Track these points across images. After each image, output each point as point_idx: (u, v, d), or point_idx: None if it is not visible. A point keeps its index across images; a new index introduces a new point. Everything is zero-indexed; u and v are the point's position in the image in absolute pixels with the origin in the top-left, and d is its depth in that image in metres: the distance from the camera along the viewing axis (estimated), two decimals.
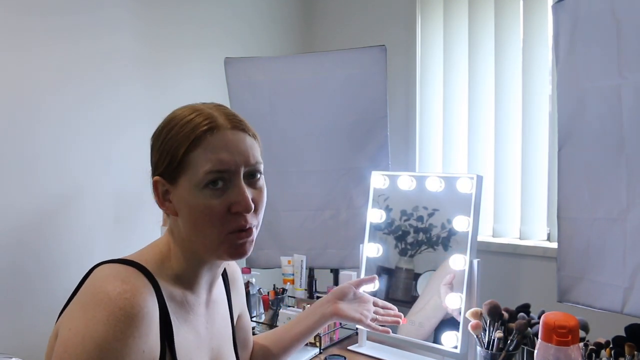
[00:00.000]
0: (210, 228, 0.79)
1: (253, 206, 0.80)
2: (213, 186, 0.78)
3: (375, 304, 1.18)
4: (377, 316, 1.17)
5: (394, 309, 1.20)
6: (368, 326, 1.14)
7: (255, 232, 0.83)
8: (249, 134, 0.83)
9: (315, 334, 1.13)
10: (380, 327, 1.16)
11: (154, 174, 0.83)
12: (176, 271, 0.83)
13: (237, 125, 0.82)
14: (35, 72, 1.63)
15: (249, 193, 0.80)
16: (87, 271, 0.80)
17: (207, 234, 0.79)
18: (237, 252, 0.81)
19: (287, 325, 1.13)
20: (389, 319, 1.17)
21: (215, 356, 0.90)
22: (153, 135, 0.84)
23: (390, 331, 1.17)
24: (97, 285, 0.73)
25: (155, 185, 0.82)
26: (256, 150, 0.84)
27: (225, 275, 1.00)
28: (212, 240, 0.80)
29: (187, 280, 0.85)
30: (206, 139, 0.78)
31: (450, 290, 1.40)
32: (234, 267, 1.05)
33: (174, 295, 0.82)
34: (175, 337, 0.78)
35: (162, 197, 0.82)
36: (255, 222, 0.83)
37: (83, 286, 0.76)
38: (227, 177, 0.79)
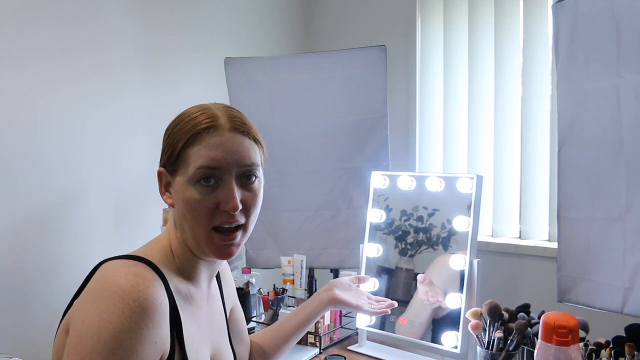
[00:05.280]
0: (198, 221, 0.81)
1: (240, 206, 0.82)
2: (205, 182, 0.81)
3: (369, 298, 1.25)
4: (372, 306, 1.23)
5: (387, 300, 1.26)
6: (367, 312, 1.20)
7: (241, 235, 0.85)
8: (249, 137, 0.84)
9: (314, 322, 1.16)
10: (379, 310, 1.21)
11: (160, 165, 0.86)
12: (178, 264, 0.86)
13: (238, 127, 0.83)
14: (38, 78, 1.64)
15: (239, 194, 0.82)
16: (91, 269, 0.81)
17: (194, 227, 0.82)
18: (220, 252, 0.84)
19: (287, 316, 1.16)
20: (384, 305, 1.23)
21: (215, 349, 0.92)
22: (165, 129, 0.88)
23: (390, 311, 1.24)
24: (108, 279, 0.74)
25: (159, 175, 0.86)
26: (254, 152, 0.85)
27: None
28: (198, 234, 0.82)
29: (189, 273, 0.87)
30: (203, 137, 0.80)
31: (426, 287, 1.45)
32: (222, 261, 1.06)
33: (180, 289, 0.84)
34: (183, 330, 0.80)
35: (164, 188, 0.86)
36: (243, 220, 0.84)
37: (92, 281, 0.77)
38: (218, 175, 0.81)
